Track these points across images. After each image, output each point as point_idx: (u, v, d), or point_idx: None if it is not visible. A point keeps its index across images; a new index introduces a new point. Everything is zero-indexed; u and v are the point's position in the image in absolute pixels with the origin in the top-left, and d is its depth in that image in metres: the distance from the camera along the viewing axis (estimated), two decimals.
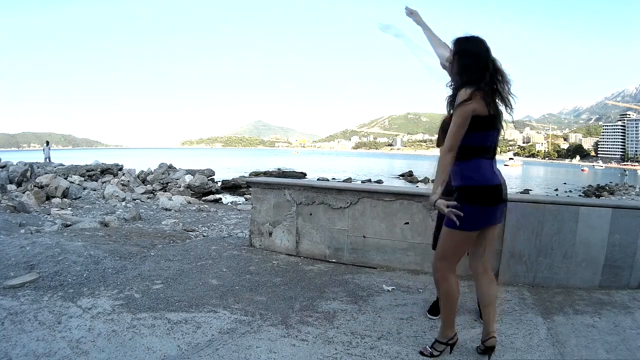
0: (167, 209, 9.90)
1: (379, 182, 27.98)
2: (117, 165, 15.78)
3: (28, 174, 11.89)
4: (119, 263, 3.60)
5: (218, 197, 14.77)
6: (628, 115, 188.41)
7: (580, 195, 25.94)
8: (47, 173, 12.08)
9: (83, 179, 13.40)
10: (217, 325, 2.45)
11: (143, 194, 12.75)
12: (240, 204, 12.42)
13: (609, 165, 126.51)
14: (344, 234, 3.92)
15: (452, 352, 2.14)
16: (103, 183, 13.51)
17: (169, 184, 15.14)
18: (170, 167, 18.33)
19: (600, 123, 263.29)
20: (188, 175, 16.14)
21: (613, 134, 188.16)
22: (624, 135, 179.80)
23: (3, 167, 12.32)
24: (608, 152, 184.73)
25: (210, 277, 3.37)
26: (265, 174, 21.82)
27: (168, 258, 3.90)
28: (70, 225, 6.42)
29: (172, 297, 2.88)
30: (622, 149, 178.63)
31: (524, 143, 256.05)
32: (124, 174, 15.07)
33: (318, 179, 21.36)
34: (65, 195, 10.88)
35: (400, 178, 35.33)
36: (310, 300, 2.90)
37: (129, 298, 2.84)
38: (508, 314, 2.70)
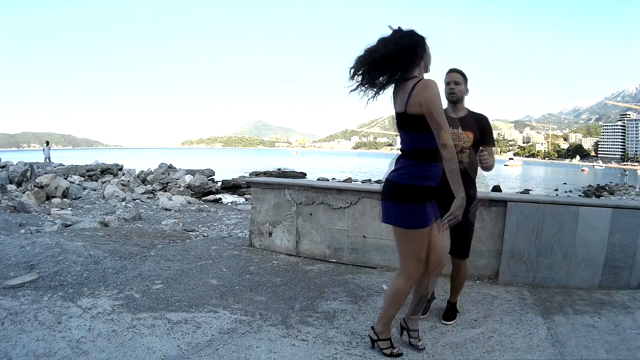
0: (167, 209, 9.90)
1: (379, 182, 27.90)
2: (117, 165, 15.78)
3: (28, 174, 11.89)
4: (119, 263, 3.60)
5: (218, 197, 14.76)
6: (628, 115, 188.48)
7: (580, 195, 25.94)
8: (47, 173, 12.08)
9: (83, 179, 13.39)
10: (217, 325, 2.45)
11: (143, 194, 12.75)
12: (240, 204, 12.42)
13: (609, 165, 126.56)
14: (344, 234, 3.92)
15: (373, 347, 2.18)
16: (103, 183, 13.51)
17: (169, 184, 15.14)
18: (170, 167, 18.33)
19: (600, 123, 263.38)
20: (188, 175, 16.14)
21: (613, 134, 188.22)
22: (624, 135, 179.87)
23: (3, 167, 12.32)
24: (608, 152, 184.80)
25: (210, 277, 3.38)
26: (265, 174, 21.82)
27: (168, 258, 3.90)
28: (70, 225, 6.42)
29: (172, 297, 2.88)
30: (622, 149, 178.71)
31: (524, 143, 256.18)
32: (124, 174, 15.07)
33: (318, 179, 21.34)
34: (65, 195, 10.88)
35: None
36: (310, 300, 2.90)
37: (129, 298, 2.84)
38: (508, 314, 2.70)
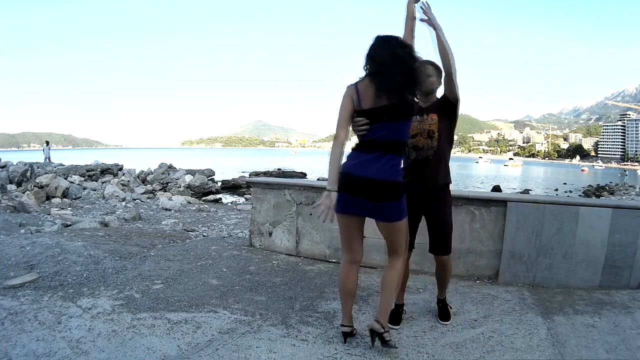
0: (167, 209, 9.90)
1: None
2: (117, 165, 15.79)
3: (28, 174, 11.90)
4: (119, 263, 3.60)
5: (218, 197, 14.76)
6: (628, 115, 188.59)
7: (580, 195, 25.93)
8: (47, 173, 12.08)
9: (83, 179, 13.40)
10: (217, 325, 2.45)
11: (143, 194, 12.75)
12: (240, 204, 12.42)
13: (609, 165, 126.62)
14: None
15: (345, 342, 2.22)
16: (103, 183, 13.51)
17: (169, 184, 15.14)
18: (170, 167, 18.33)
19: (600, 123, 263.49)
20: (188, 175, 16.14)
21: (613, 134, 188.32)
22: (624, 135, 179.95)
23: (3, 167, 12.32)
24: (608, 152, 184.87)
25: (210, 277, 3.37)
26: (265, 174, 21.80)
27: (168, 258, 3.90)
28: (70, 225, 6.42)
29: (172, 297, 2.88)
30: (622, 149, 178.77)
31: (524, 143, 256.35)
32: (124, 174, 15.07)
33: (318, 179, 21.31)
34: (65, 195, 10.89)
35: None
36: (310, 300, 2.90)
37: (129, 298, 2.84)
38: (508, 314, 2.70)
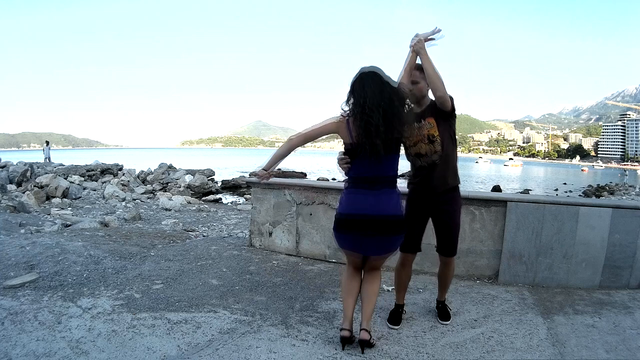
0: (167, 209, 9.90)
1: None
2: (117, 165, 15.80)
3: (28, 174, 11.90)
4: (119, 263, 3.60)
5: (218, 197, 14.76)
6: (628, 115, 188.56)
7: (580, 195, 25.91)
8: (47, 173, 12.09)
9: (83, 179, 13.40)
10: (217, 325, 2.45)
11: (143, 194, 12.75)
12: (240, 204, 12.42)
13: (609, 165, 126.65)
14: None
15: (343, 348, 2.17)
16: (103, 183, 13.52)
17: (169, 184, 15.14)
18: (170, 167, 18.34)
19: (600, 123, 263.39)
20: (188, 175, 16.13)
21: (613, 134, 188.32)
22: (624, 135, 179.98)
23: (3, 167, 12.33)
24: (608, 152, 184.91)
25: (210, 277, 3.38)
26: None
27: (168, 258, 3.90)
28: (70, 225, 6.42)
29: (172, 297, 2.88)
30: (622, 149, 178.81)
31: (524, 143, 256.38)
32: (124, 174, 15.08)
33: (318, 179, 21.32)
34: (65, 195, 10.89)
35: (400, 178, 35.32)
36: (310, 300, 2.90)
37: (129, 298, 2.84)
38: (508, 314, 2.70)
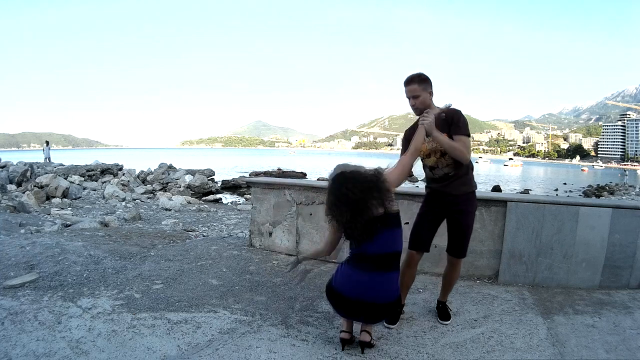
0: (167, 209, 9.91)
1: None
2: (117, 165, 15.80)
3: (28, 174, 11.90)
4: (119, 263, 3.60)
5: (218, 197, 14.76)
6: (628, 115, 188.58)
7: (580, 195, 25.92)
8: (47, 173, 12.09)
9: (83, 179, 13.41)
10: (217, 325, 2.45)
11: (143, 194, 12.76)
12: (240, 204, 12.42)
13: (609, 165, 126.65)
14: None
15: (343, 349, 2.17)
16: (103, 183, 13.52)
17: (169, 184, 15.15)
18: (170, 167, 18.34)
19: (600, 123, 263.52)
20: (188, 175, 16.14)
21: (613, 134, 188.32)
22: (624, 135, 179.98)
23: (3, 167, 12.33)
24: (608, 152, 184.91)
25: (210, 277, 3.37)
26: (265, 174, 21.79)
27: (168, 258, 3.90)
28: (70, 225, 6.42)
29: (172, 297, 2.88)
30: (622, 149, 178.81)
31: (524, 143, 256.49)
32: (124, 174, 15.08)
33: (318, 179, 21.31)
34: (65, 195, 10.89)
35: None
36: (310, 300, 2.90)
37: (129, 298, 2.84)
38: (508, 314, 2.70)
